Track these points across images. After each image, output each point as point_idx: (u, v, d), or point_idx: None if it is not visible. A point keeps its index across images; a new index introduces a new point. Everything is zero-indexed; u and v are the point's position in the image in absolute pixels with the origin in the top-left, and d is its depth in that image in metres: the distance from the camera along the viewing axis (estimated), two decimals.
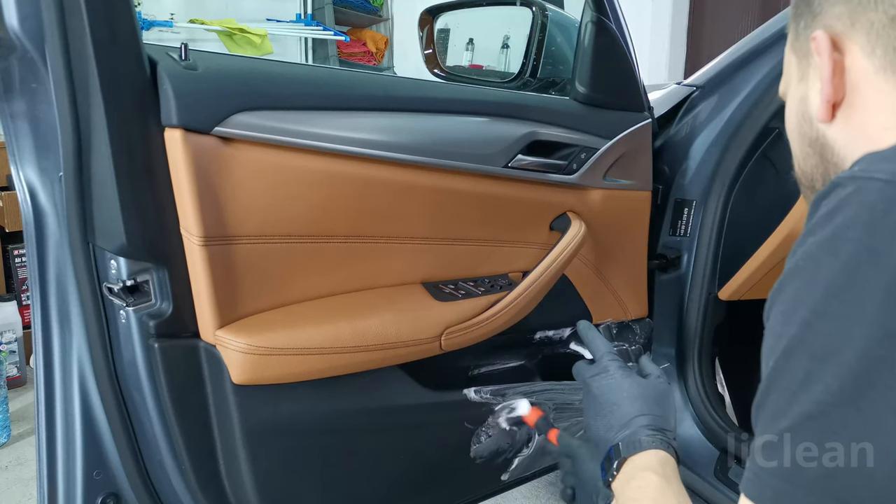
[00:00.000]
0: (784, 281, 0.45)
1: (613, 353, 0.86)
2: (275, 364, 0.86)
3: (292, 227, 0.89)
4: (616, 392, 0.80)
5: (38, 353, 0.90)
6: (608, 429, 0.77)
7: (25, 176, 0.88)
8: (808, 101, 0.54)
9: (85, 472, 0.91)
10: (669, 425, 0.77)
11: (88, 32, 0.73)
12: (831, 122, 0.51)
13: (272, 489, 0.92)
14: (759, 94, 1.20)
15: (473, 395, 1.06)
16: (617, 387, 0.80)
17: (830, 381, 0.40)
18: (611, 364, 0.83)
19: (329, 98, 0.91)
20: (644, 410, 0.77)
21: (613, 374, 0.82)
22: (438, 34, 1.44)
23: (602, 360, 0.85)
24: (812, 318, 0.42)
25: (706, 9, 3.28)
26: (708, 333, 1.33)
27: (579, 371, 0.87)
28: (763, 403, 0.44)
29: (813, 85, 0.53)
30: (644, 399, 0.79)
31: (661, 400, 0.80)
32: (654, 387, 0.81)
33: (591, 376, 0.83)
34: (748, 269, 1.27)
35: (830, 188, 0.44)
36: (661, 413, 0.78)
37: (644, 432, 0.74)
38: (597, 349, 0.88)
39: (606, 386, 0.81)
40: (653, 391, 0.80)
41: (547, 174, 1.09)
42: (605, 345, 0.88)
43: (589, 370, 0.85)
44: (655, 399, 0.79)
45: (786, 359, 0.43)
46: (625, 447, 0.73)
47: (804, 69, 0.55)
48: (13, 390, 2.38)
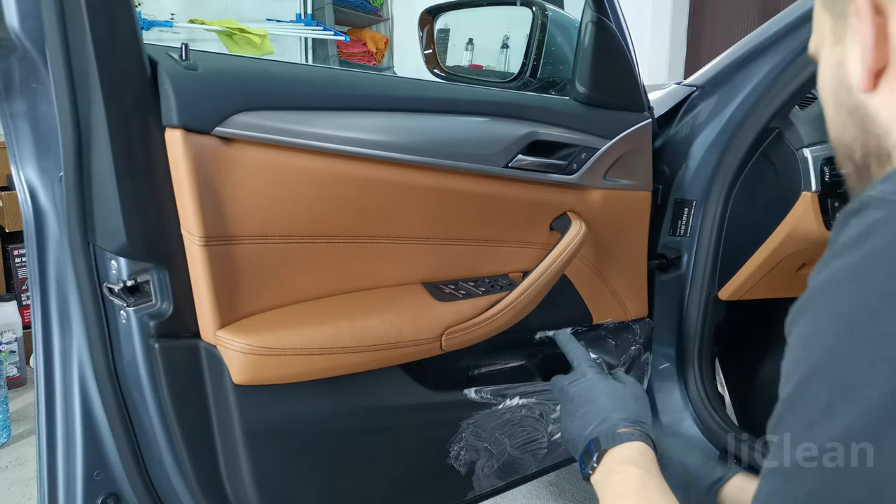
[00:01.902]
0: (807, 302, 0.44)
1: (591, 360, 0.89)
2: (275, 364, 0.86)
3: (293, 227, 0.89)
4: (593, 392, 0.82)
5: (38, 353, 0.90)
6: (585, 425, 0.78)
7: (25, 176, 0.88)
8: (845, 67, 0.49)
9: (85, 472, 0.91)
10: (646, 424, 0.78)
11: (88, 32, 0.73)
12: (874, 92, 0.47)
13: (272, 489, 0.92)
14: (759, 94, 1.20)
15: (474, 395, 1.06)
16: (593, 388, 0.82)
17: (851, 416, 0.39)
18: (588, 370, 0.86)
19: (329, 98, 0.91)
20: (620, 406, 0.79)
21: (591, 377, 0.84)
22: (438, 34, 1.44)
23: (580, 366, 0.88)
24: (835, 347, 0.41)
25: (706, 9, 3.28)
26: (708, 333, 1.33)
27: (556, 381, 0.89)
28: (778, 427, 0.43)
29: (850, 49, 0.48)
30: (620, 397, 0.81)
31: (637, 399, 0.82)
32: (629, 387, 0.83)
33: (569, 383, 0.86)
34: (748, 269, 1.28)
35: (860, 207, 0.42)
36: (636, 412, 0.79)
37: (622, 425, 0.76)
38: (575, 357, 0.91)
39: (583, 388, 0.83)
40: (629, 391, 0.82)
41: (547, 174, 1.09)
42: (584, 354, 0.91)
43: (566, 378, 0.87)
44: (632, 397, 0.81)
45: (805, 385, 0.42)
46: (604, 440, 0.74)
47: (840, 31, 0.50)
48: (13, 390, 2.38)
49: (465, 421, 1.06)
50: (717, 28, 3.25)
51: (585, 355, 0.91)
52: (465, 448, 1.07)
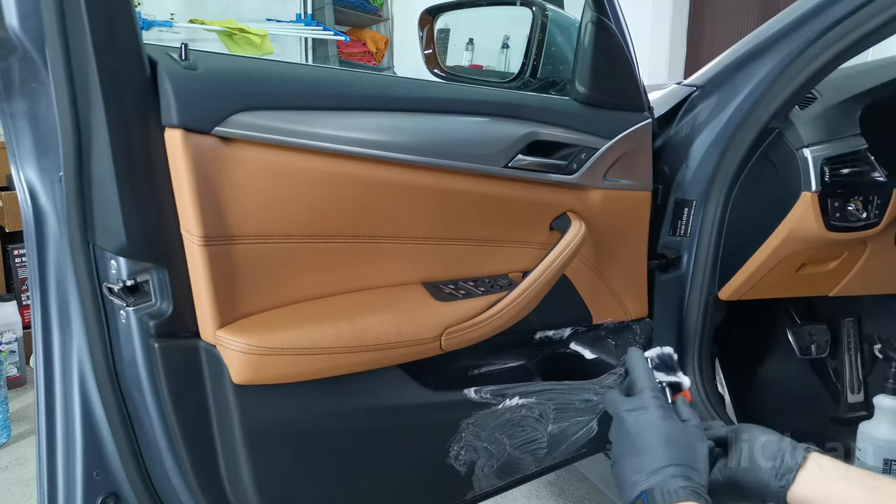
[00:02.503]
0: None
1: (657, 390, 0.84)
2: (275, 364, 0.86)
3: (292, 227, 0.89)
4: (652, 433, 0.78)
5: (38, 353, 0.90)
6: (638, 471, 0.76)
7: (25, 176, 0.88)
8: None
9: (85, 472, 0.91)
10: (701, 476, 0.77)
11: (88, 32, 0.73)
12: None
13: (272, 489, 0.92)
14: (759, 94, 1.20)
15: (474, 395, 1.06)
16: (654, 428, 0.79)
17: None
18: (652, 402, 0.82)
19: (329, 98, 0.91)
20: (677, 459, 0.76)
21: (653, 413, 0.81)
22: (438, 34, 1.44)
23: (643, 394, 0.83)
24: None
25: (706, 9, 3.28)
26: (708, 333, 1.33)
27: (613, 402, 0.85)
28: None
29: None
30: (679, 446, 0.78)
31: (695, 449, 0.79)
32: (689, 434, 0.80)
33: (628, 410, 0.82)
34: (748, 269, 1.28)
35: None
36: (693, 462, 0.77)
37: (677, 482, 0.74)
38: (640, 381, 0.85)
39: (643, 424, 0.79)
40: (688, 438, 0.79)
41: (547, 174, 1.09)
42: (650, 379, 0.86)
43: (625, 403, 0.83)
44: (690, 447, 0.78)
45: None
46: (659, 494, 0.73)
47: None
48: (13, 390, 2.38)
49: (465, 421, 1.06)
50: (717, 28, 3.25)
51: (651, 382, 0.85)
52: (464, 448, 1.07)
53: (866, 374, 1.69)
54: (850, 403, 1.67)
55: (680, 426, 0.80)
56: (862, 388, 1.68)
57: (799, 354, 1.64)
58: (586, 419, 1.18)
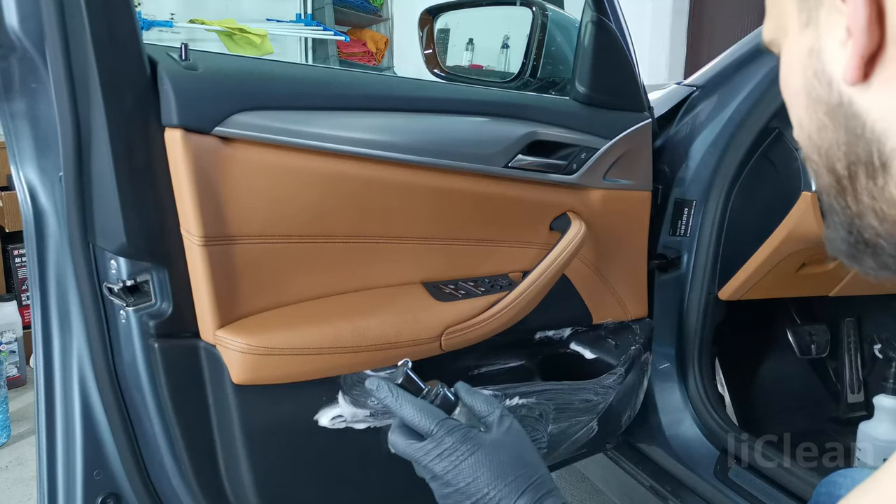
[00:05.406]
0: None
1: (443, 419, 0.69)
2: (275, 364, 0.86)
3: (292, 227, 0.89)
4: (472, 472, 0.66)
5: (38, 353, 0.90)
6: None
7: (25, 176, 0.88)
8: (822, 56, 0.39)
9: (85, 472, 0.91)
10: (551, 478, 0.68)
11: (88, 32, 0.73)
12: (864, 84, 0.37)
13: (272, 489, 0.92)
14: (759, 94, 1.20)
15: None
16: (470, 468, 0.66)
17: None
18: (447, 437, 0.67)
19: (329, 98, 0.91)
20: (519, 486, 0.65)
21: (456, 448, 0.67)
22: (438, 34, 1.44)
23: (435, 432, 0.68)
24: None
25: (706, 9, 3.28)
26: (708, 333, 1.33)
27: (404, 449, 0.69)
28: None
29: (828, 33, 0.38)
30: (508, 466, 0.66)
31: (522, 453, 0.69)
32: (506, 445, 0.69)
33: (429, 458, 0.67)
34: (748, 269, 1.28)
35: None
36: (539, 469, 0.68)
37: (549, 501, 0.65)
38: (419, 421, 0.69)
39: (456, 470, 0.66)
40: (510, 450, 0.68)
41: (547, 174, 1.09)
42: (429, 411, 0.69)
43: (419, 449, 0.68)
44: (516, 458, 0.68)
45: None
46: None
47: (811, 10, 0.39)
48: (13, 390, 2.38)
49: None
50: (717, 28, 3.25)
51: (433, 412, 0.69)
52: None
53: (866, 374, 1.69)
54: (850, 403, 1.67)
55: (494, 442, 0.68)
56: (862, 388, 1.68)
57: (799, 354, 1.64)
58: (586, 419, 1.19)
